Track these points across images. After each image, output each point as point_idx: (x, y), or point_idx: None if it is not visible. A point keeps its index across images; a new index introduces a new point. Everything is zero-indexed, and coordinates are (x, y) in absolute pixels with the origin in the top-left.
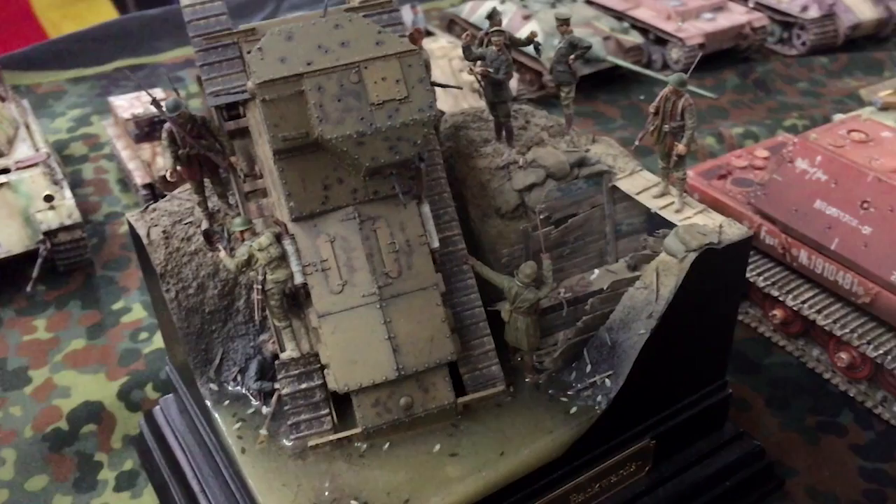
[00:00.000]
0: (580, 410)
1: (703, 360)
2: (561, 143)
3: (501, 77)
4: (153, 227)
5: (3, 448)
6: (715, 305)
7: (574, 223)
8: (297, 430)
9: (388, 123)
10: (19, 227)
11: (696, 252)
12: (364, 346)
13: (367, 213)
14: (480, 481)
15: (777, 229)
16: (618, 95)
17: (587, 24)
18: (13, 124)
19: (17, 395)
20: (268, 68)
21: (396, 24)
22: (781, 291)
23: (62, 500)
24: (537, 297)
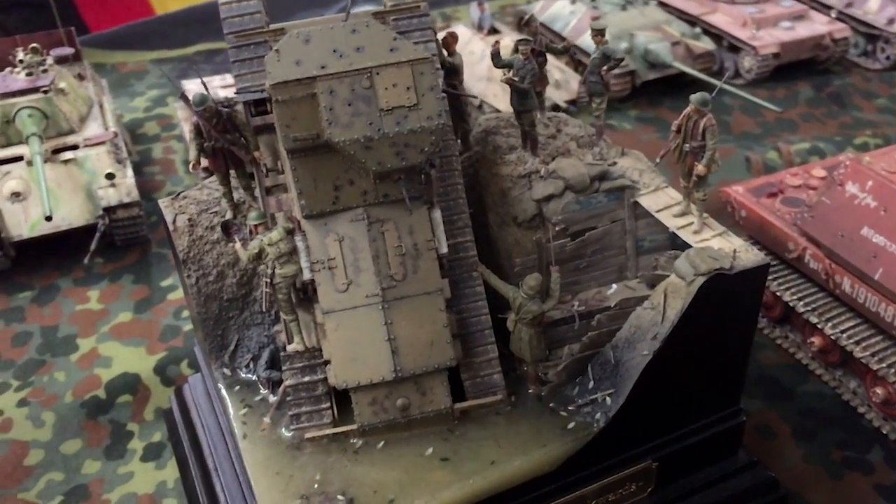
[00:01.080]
0: (578, 426)
1: (714, 386)
2: (587, 155)
3: (526, 86)
4: (180, 215)
5: (44, 410)
6: (726, 332)
7: (592, 237)
8: (297, 421)
9: (395, 129)
10: (82, 201)
11: (705, 276)
12: (364, 345)
13: (376, 216)
14: (467, 488)
15: (822, 254)
16: (683, 103)
17: (656, 29)
18: (87, 103)
19: (63, 362)
20: (283, 70)
21: (426, 29)
22: (821, 319)
23: (92, 464)
24: (541, 310)
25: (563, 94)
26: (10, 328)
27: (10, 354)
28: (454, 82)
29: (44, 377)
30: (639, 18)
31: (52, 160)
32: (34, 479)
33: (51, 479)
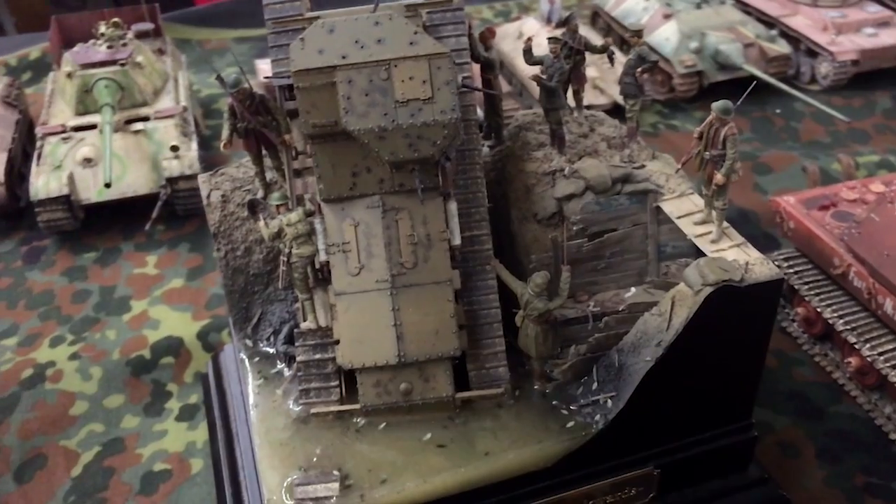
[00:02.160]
0: (577, 426)
1: (722, 399)
2: (615, 157)
3: (553, 84)
4: (214, 190)
5: (93, 365)
6: (736, 346)
7: (611, 238)
8: (306, 396)
9: (409, 121)
10: (148, 170)
11: (713, 287)
12: (371, 328)
13: (391, 204)
14: (458, 476)
15: (866, 272)
16: (752, 106)
17: (730, 29)
18: (163, 77)
19: (115, 321)
20: (306, 58)
21: (459, 23)
22: (859, 339)
23: (131, 420)
24: (546, 308)
25: None
26: (72, 285)
27: (70, 310)
28: (489, 76)
29: (96, 334)
30: (712, 18)
31: (123, 130)
32: (76, 428)
33: (92, 429)
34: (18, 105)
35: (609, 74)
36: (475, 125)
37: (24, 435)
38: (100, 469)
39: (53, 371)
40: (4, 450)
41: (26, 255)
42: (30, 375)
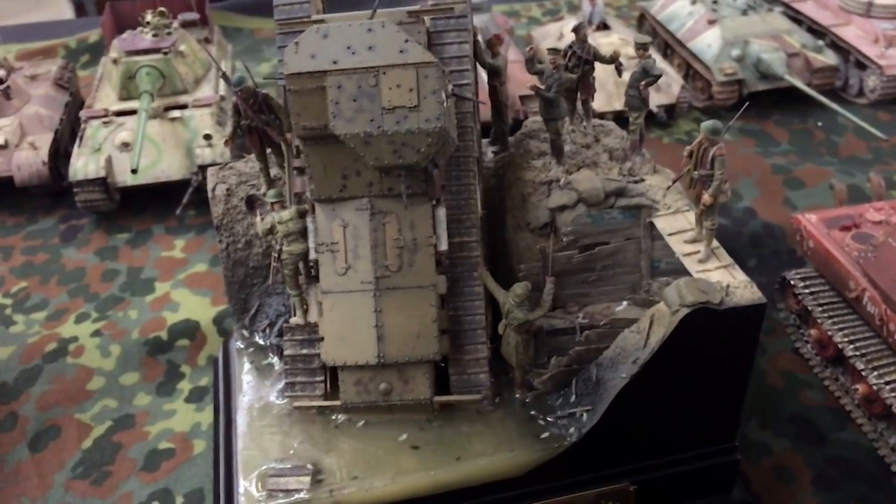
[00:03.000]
0: (551, 437)
1: (702, 420)
2: (615, 169)
3: (551, 95)
4: (220, 184)
5: (113, 343)
6: (716, 368)
7: (602, 251)
8: (291, 389)
9: (395, 128)
10: (181, 157)
11: (690, 308)
12: (354, 328)
13: (379, 207)
14: (428, 479)
15: (879, 298)
16: (793, 117)
17: (774, 37)
18: (205, 66)
19: (138, 301)
20: (299, 61)
21: (462, 30)
22: (868, 366)
23: (143, 398)
24: (527, 318)
25: (660, 98)
26: (103, 264)
27: (98, 288)
28: (495, 83)
29: (119, 313)
30: (758, 25)
31: (161, 116)
32: (91, 403)
33: (106, 405)
34: (70, 87)
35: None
36: (472, 132)
37: (41, 406)
38: (108, 443)
39: (75, 346)
40: (22, 419)
41: (64, 233)
42: (53, 349)
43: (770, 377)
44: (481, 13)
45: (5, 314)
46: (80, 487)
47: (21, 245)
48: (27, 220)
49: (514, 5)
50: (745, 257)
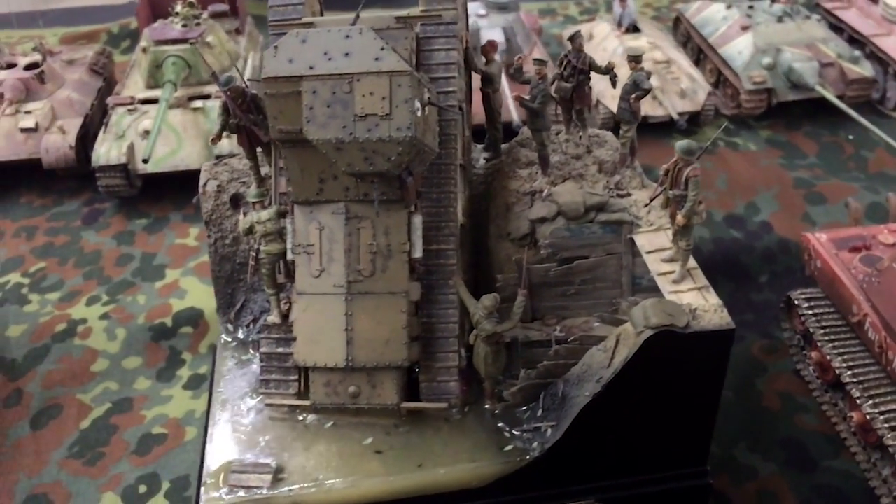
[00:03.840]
0: (515, 451)
1: (670, 443)
2: (601, 182)
3: (535, 106)
4: (211, 180)
5: (119, 326)
6: (683, 392)
7: (581, 265)
8: (265, 386)
9: (366, 136)
10: (201, 147)
11: (654, 330)
12: (324, 330)
13: (355, 212)
14: (387, 484)
15: (879, 324)
16: (823, 129)
17: (809, 47)
18: (233, 57)
19: (148, 287)
20: (277, 66)
21: (451, 37)
22: (863, 394)
23: (143, 382)
24: (494, 330)
25: (685, 104)
26: (119, 249)
27: (112, 272)
28: (488, 90)
29: (128, 297)
30: (793, 33)
31: (184, 106)
32: (94, 384)
33: (107, 387)
34: (104, 73)
35: (671, 85)
36: (455, 140)
37: (46, 384)
38: (106, 425)
39: (84, 328)
40: (27, 396)
41: (86, 216)
42: (63, 329)
43: (766, 398)
44: (507, 12)
45: (21, 293)
46: (73, 466)
47: (45, 226)
48: (53, 201)
49: (552, 3)
50: (757, 273)
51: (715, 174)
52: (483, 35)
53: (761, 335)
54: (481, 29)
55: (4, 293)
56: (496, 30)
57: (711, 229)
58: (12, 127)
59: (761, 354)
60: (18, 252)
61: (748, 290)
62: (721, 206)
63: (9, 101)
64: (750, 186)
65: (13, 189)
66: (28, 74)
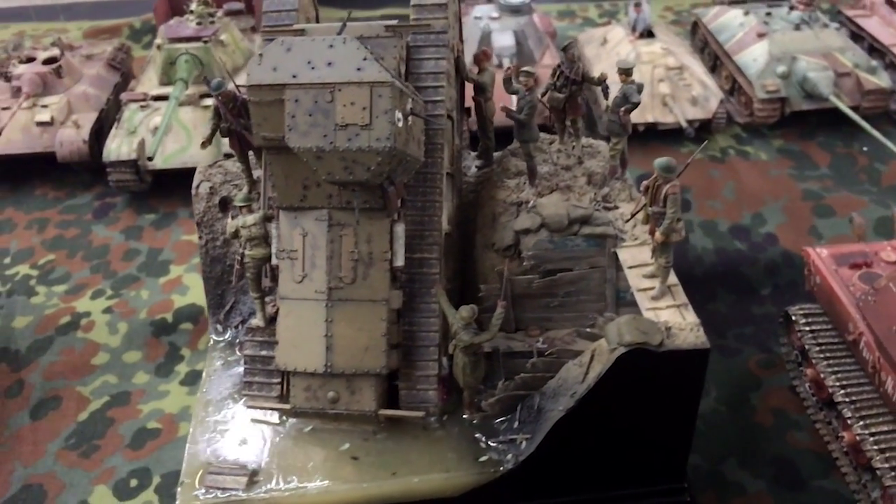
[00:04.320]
0: (489, 462)
1: (646, 459)
2: (589, 194)
3: (521, 117)
4: (204, 182)
5: (121, 320)
6: (657, 409)
7: (563, 278)
8: (249, 388)
9: (346, 145)
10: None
11: (627, 348)
12: (305, 335)
13: (338, 219)
14: (359, 491)
15: (873, 344)
16: (837, 140)
17: (826, 55)
18: (246, 55)
19: (151, 282)
20: (261, 73)
21: (440, 46)
22: (855, 414)
23: (142, 376)
24: (471, 341)
25: (695, 112)
26: (126, 243)
27: (118, 266)
28: (480, 99)
29: (132, 292)
30: (809, 41)
31: (195, 104)
32: (94, 377)
33: (106, 380)
34: (121, 68)
35: (682, 92)
36: (441, 149)
37: (47, 376)
38: (102, 418)
39: (87, 321)
40: (28, 386)
41: (97, 210)
42: (66, 322)
43: (759, 414)
44: (520, 15)
45: (29, 285)
46: (68, 458)
47: (56, 219)
48: (66, 194)
49: (571, 5)
50: (759, 286)
51: (722, 183)
52: (494, 38)
53: (759, 349)
54: (493, 32)
55: (13, 284)
56: (507, 33)
57: (715, 239)
58: (29, 120)
59: (757, 369)
60: (29, 244)
61: (749, 303)
62: (727, 216)
63: (26, 94)
64: (757, 197)
65: (28, 181)
66: (46, 69)
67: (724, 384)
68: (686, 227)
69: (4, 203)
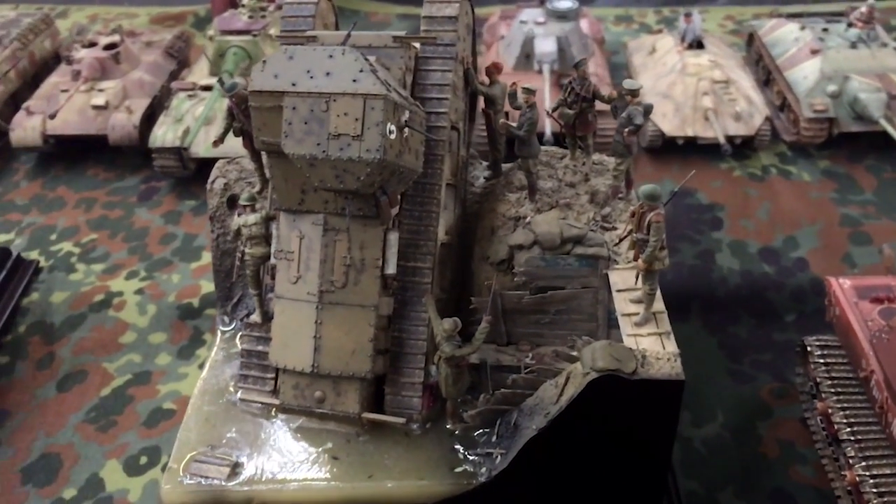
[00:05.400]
0: (464, 473)
1: (619, 487)
2: (587, 213)
3: (521, 133)
4: (219, 178)
5: (150, 302)
6: (631, 437)
7: (555, 296)
8: (244, 381)
9: (337, 154)
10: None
11: (598, 373)
12: (296, 335)
13: (333, 224)
14: (337, 491)
15: (882, 383)
16: (886, 165)
17: (881, 76)
18: None
19: (183, 267)
20: (263, 80)
21: (448, 58)
22: (858, 454)
23: (164, 357)
24: (453, 353)
25: (738, 128)
26: (165, 227)
27: (154, 249)
28: (490, 111)
29: (164, 275)
30: (864, 60)
31: None
32: (119, 355)
33: (131, 359)
34: (178, 57)
35: (726, 106)
36: (441, 161)
37: (76, 351)
38: (123, 395)
39: (119, 300)
40: (58, 360)
41: (142, 193)
42: (100, 300)
43: (765, 444)
44: (566, 21)
45: (70, 262)
46: (86, 431)
47: (103, 199)
48: (115, 176)
49: (630, 10)
50: (783, 312)
51: (758, 203)
52: (536, 44)
53: (774, 377)
54: (536, 37)
55: (56, 260)
56: (550, 39)
57: (742, 261)
58: (85, 103)
59: (770, 398)
60: (75, 222)
61: (771, 329)
62: (758, 237)
63: (84, 78)
64: (793, 219)
65: (81, 161)
66: (105, 54)
67: (733, 410)
68: (715, 247)
69: (58, 181)
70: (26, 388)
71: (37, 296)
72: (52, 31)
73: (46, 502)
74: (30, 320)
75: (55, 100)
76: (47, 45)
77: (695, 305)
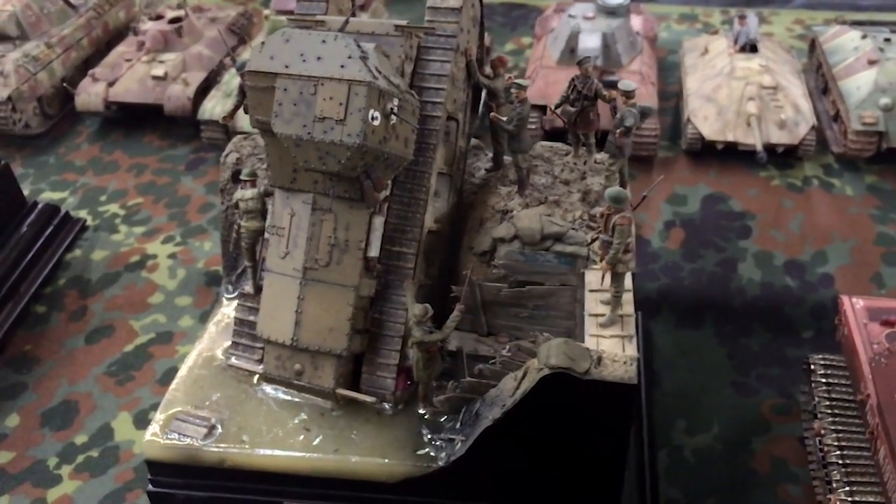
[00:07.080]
0: (426, 456)
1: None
2: (575, 211)
3: (510, 128)
4: (233, 152)
5: (181, 267)
6: (582, 438)
7: (532, 291)
8: (234, 349)
9: (321, 137)
10: None
11: (551, 370)
12: (280, 308)
13: (321, 204)
14: (303, 461)
15: (875, 409)
16: None
17: None
18: None
19: (215, 236)
20: (259, 60)
21: (448, 49)
22: (843, 479)
23: (187, 320)
24: (421, 339)
25: (781, 136)
26: (205, 196)
27: (192, 217)
28: (492, 104)
29: (197, 242)
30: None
31: None
32: (146, 314)
33: (156, 319)
34: (240, 34)
35: (771, 113)
36: (433, 149)
37: (108, 307)
38: (144, 353)
39: (152, 262)
40: (89, 314)
41: (190, 162)
42: (136, 261)
43: (757, 459)
44: (614, 17)
45: (114, 223)
46: (106, 383)
47: (154, 166)
48: (168, 145)
49: (696, 8)
50: (801, 328)
51: (792, 214)
52: (581, 39)
53: (778, 393)
54: (581, 32)
55: (102, 220)
56: (595, 35)
57: (765, 272)
58: (145, 73)
59: (770, 413)
60: (125, 186)
61: (785, 344)
62: (786, 249)
63: (147, 49)
64: (825, 234)
65: (139, 129)
66: (169, 28)
67: (729, 422)
68: (739, 256)
69: (115, 146)
70: (58, 338)
71: (79, 252)
72: (128, 3)
73: (59, 445)
74: (70, 275)
75: (119, 68)
76: (121, 15)
77: (709, 314)
